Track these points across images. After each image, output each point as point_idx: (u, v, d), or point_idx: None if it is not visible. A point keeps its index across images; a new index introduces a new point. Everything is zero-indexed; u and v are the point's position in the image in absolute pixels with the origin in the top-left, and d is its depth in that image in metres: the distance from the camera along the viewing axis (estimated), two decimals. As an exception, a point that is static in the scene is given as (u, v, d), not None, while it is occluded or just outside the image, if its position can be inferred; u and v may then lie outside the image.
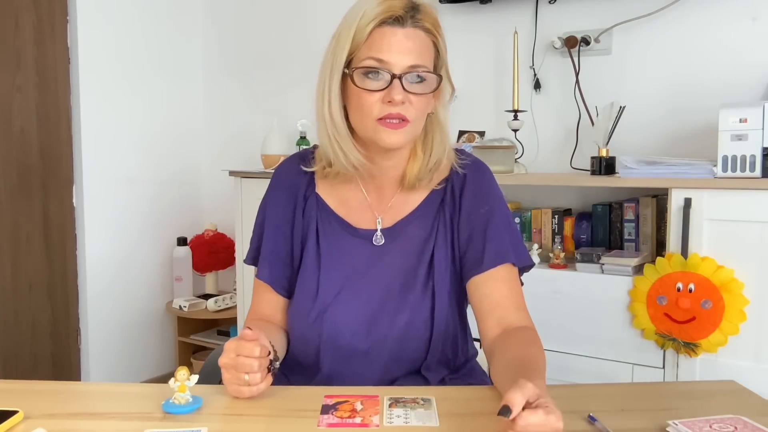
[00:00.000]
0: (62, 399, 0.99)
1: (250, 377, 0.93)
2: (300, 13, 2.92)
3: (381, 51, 1.02)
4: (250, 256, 1.22)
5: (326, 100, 1.08)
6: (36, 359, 2.67)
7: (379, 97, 1.03)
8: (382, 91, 1.03)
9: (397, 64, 1.02)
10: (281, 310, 1.19)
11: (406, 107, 1.04)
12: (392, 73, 1.02)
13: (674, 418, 0.86)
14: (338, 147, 1.09)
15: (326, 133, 1.09)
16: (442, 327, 1.11)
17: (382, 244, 1.14)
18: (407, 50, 1.03)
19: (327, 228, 1.16)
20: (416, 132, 1.09)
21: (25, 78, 2.59)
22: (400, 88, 1.02)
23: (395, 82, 1.02)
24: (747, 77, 2.02)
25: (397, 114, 1.03)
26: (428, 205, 1.15)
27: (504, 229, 1.12)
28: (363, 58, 1.04)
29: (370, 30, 1.03)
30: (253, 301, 1.21)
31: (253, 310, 1.21)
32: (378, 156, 1.12)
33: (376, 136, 1.05)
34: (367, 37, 1.03)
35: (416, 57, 1.03)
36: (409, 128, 1.05)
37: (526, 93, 2.36)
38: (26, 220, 2.62)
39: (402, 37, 1.03)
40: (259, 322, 1.16)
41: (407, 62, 1.03)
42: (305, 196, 1.17)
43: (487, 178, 1.17)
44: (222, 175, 2.74)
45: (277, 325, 1.18)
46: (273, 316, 1.19)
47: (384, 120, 1.03)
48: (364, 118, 1.05)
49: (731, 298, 1.69)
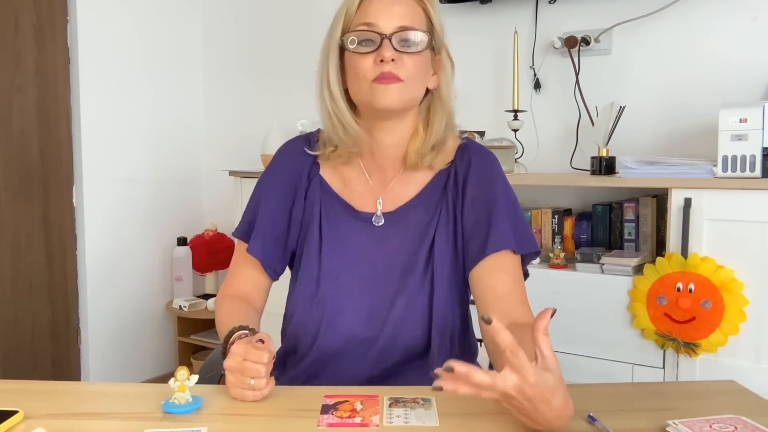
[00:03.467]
0: (62, 399, 0.98)
1: (255, 382, 0.93)
2: (300, 13, 2.92)
3: (369, 16, 1.07)
4: (241, 230, 1.19)
5: (325, 77, 1.11)
6: (36, 359, 2.67)
7: (371, 59, 1.06)
8: (373, 53, 1.06)
9: (385, 26, 1.06)
10: (262, 291, 1.18)
11: (398, 66, 1.05)
12: (382, 33, 1.05)
13: (674, 418, 0.86)
14: (338, 121, 1.11)
15: (327, 110, 1.12)
16: (441, 314, 1.11)
17: (381, 224, 1.14)
18: (396, 14, 1.06)
19: (330, 211, 1.16)
20: (412, 95, 1.09)
21: (25, 78, 2.59)
22: (389, 46, 1.05)
23: (385, 41, 1.05)
24: (747, 77, 2.02)
25: (389, 72, 1.05)
26: (431, 190, 1.15)
27: (508, 216, 1.11)
28: (355, 27, 1.08)
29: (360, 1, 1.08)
30: (231, 274, 1.19)
31: (230, 285, 1.18)
32: (378, 128, 1.12)
33: (372, 98, 1.07)
34: (358, 8, 1.08)
35: (405, 19, 1.07)
36: (402, 87, 1.06)
37: (526, 93, 2.36)
38: (26, 220, 2.63)
39: (388, 3, 1.07)
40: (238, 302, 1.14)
41: (396, 23, 1.06)
42: (309, 178, 1.17)
43: (492, 164, 1.17)
44: (222, 175, 2.74)
45: (254, 306, 1.16)
46: (251, 296, 1.17)
47: (378, 80, 1.05)
48: (359, 82, 1.07)
49: (731, 298, 1.69)
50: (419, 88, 1.10)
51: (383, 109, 1.07)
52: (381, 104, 1.06)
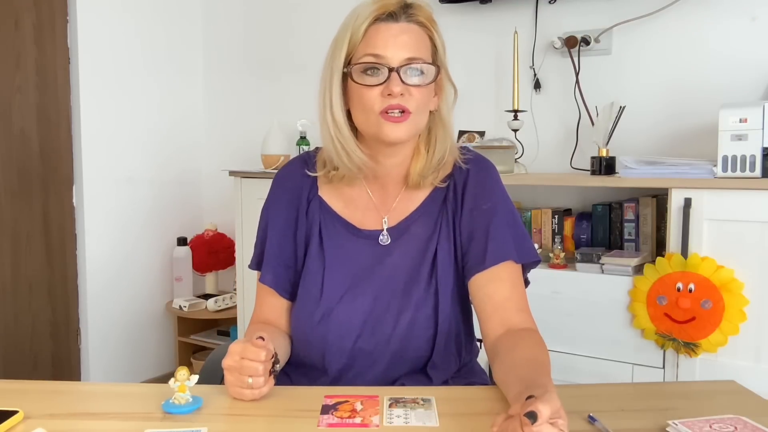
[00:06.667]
0: (62, 399, 0.99)
1: (253, 381, 0.93)
2: (300, 13, 2.92)
3: (377, 47, 1.04)
4: (254, 261, 1.21)
5: (328, 103, 1.09)
6: (36, 359, 2.67)
7: (378, 92, 1.04)
8: (381, 85, 1.04)
9: (393, 57, 1.03)
10: (285, 313, 1.19)
11: (407, 99, 1.04)
12: (390, 66, 1.03)
13: (674, 418, 0.86)
14: (341, 148, 1.09)
15: (329, 136, 1.10)
16: (446, 325, 1.11)
17: (387, 244, 1.14)
18: (403, 44, 1.04)
19: (331, 230, 1.16)
20: (419, 126, 1.09)
21: (25, 78, 2.59)
22: (398, 80, 1.03)
23: (393, 75, 1.03)
24: (747, 77, 2.02)
25: (397, 105, 1.04)
26: (431, 203, 1.15)
27: (507, 226, 1.12)
28: (361, 56, 1.05)
29: (365, 28, 1.05)
30: (255, 305, 1.21)
31: (256, 315, 1.21)
32: (382, 155, 1.12)
33: (380, 131, 1.05)
34: (363, 36, 1.05)
35: (412, 50, 1.05)
36: (411, 121, 1.06)
37: (526, 93, 2.36)
38: (26, 220, 2.62)
39: (397, 32, 1.04)
40: (262, 326, 1.16)
41: (404, 55, 1.04)
42: (308, 199, 1.17)
43: (490, 174, 1.17)
44: (222, 175, 2.74)
45: (280, 329, 1.18)
46: (276, 321, 1.18)
47: (386, 113, 1.04)
48: (366, 113, 1.06)
49: (731, 298, 1.69)
50: (424, 117, 1.10)
51: (390, 142, 1.07)
52: (390, 139, 1.06)
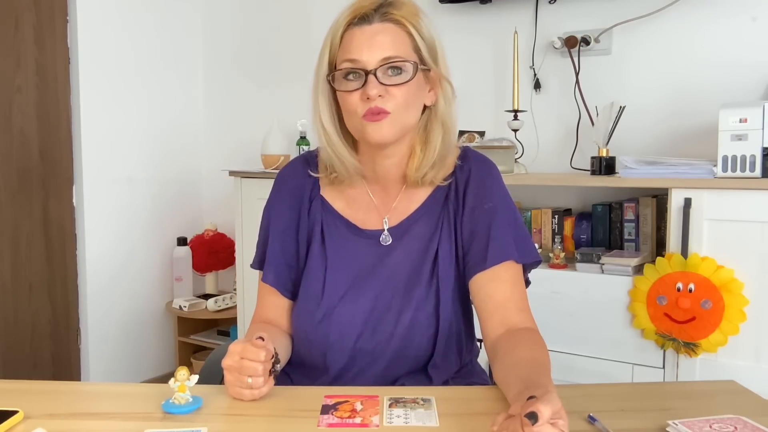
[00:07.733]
0: (62, 399, 0.99)
1: (253, 380, 0.93)
2: (300, 13, 2.92)
3: (352, 51, 1.05)
4: (256, 261, 1.22)
5: (317, 111, 1.11)
6: (36, 359, 2.67)
7: (358, 96, 1.05)
8: (360, 90, 1.05)
9: (369, 60, 1.04)
10: (286, 313, 1.19)
11: (385, 100, 1.04)
12: (366, 69, 1.04)
13: (674, 418, 0.86)
14: (334, 155, 1.11)
15: (322, 143, 1.12)
16: (447, 324, 1.11)
17: (389, 243, 1.14)
18: (377, 45, 1.04)
19: (332, 230, 1.16)
20: (405, 124, 1.08)
21: (25, 78, 2.59)
22: (375, 82, 1.03)
23: (370, 77, 1.04)
24: (747, 77, 2.02)
25: (376, 108, 1.04)
26: (433, 202, 1.15)
27: (508, 225, 1.12)
28: (340, 62, 1.06)
29: (341, 34, 1.07)
30: (257, 305, 1.21)
31: (258, 314, 1.21)
32: (378, 156, 1.12)
33: (365, 134, 1.06)
34: (341, 42, 1.07)
35: (388, 49, 1.04)
36: (391, 120, 1.05)
37: (526, 93, 2.36)
38: (26, 220, 2.62)
39: (370, 34, 1.05)
40: (264, 326, 1.16)
41: (379, 56, 1.04)
42: (310, 199, 1.18)
43: (491, 173, 1.17)
44: (222, 175, 2.74)
45: (282, 329, 1.18)
46: (278, 320, 1.18)
47: (367, 118, 1.05)
48: (352, 118, 1.07)
49: (731, 298, 1.69)
50: (411, 114, 1.09)
51: (376, 144, 1.08)
52: (373, 140, 1.06)
